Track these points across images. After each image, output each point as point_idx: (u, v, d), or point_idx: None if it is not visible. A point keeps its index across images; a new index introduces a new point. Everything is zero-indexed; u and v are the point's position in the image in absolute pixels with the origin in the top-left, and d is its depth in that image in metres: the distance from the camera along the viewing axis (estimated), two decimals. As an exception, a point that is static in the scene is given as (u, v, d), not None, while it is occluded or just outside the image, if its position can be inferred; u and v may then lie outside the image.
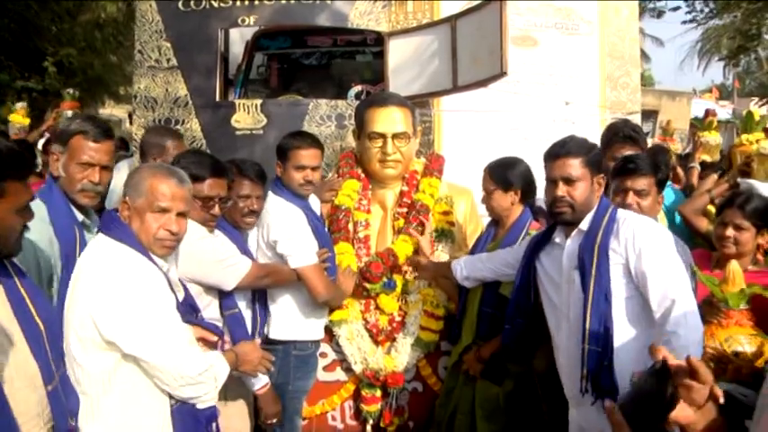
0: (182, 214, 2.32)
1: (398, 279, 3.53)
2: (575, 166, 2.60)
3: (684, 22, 16.53)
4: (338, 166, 3.87)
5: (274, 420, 3.08)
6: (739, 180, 4.00)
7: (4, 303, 1.87)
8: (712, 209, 3.80)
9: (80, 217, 2.61)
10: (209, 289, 2.85)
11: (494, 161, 3.36)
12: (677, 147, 5.83)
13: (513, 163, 3.32)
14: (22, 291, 1.94)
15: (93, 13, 15.63)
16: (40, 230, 2.37)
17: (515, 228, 3.28)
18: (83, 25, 15.64)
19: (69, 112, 5.53)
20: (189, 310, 2.50)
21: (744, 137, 4.71)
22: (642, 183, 2.96)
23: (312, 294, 3.20)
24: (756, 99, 19.23)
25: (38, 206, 2.41)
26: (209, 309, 2.84)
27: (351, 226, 3.63)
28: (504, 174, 3.27)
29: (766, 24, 15.06)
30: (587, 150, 2.66)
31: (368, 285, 3.45)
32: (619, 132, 3.68)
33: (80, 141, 2.56)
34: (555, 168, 2.63)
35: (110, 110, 22.84)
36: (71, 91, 5.70)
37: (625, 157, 3.15)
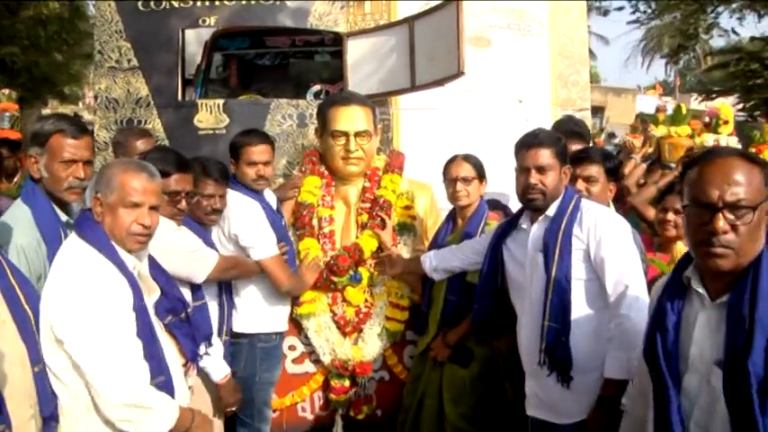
0: (153, 208, 2.32)
1: (364, 272, 3.64)
2: (546, 156, 2.78)
3: (629, 23, 17.05)
4: (302, 164, 3.96)
5: (233, 408, 3.15)
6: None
7: None
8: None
9: (64, 217, 2.63)
10: (180, 282, 2.92)
11: (460, 154, 3.52)
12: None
13: (477, 157, 3.51)
14: (12, 279, 2.04)
15: (34, 10, 15.17)
16: (28, 234, 2.42)
17: (474, 219, 3.44)
18: (25, 22, 15.16)
19: (7, 114, 5.36)
20: (173, 305, 2.55)
21: (672, 129, 5.02)
22: (592, 170, 3.19)
23: (275, 285, 3.31)
24: (696, 95, 19.91)
25: (22, 210, 2.46)
26: None
27: (315, 222, 3.73)
28: (481, 165, 3.47)
29: (703, 24, 15.66)
30: (557, 141, 2.86)
31: (335, 279, 3.56)
32: (563, 128, 3.86)
33: (59, 140, 2.56)
34: (528, 158, 2.80)
35: (54, 110, 22.30)
36: (6, 92, 5.46)
37: (580, 149, 3.36)
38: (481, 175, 3.47)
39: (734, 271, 1.70)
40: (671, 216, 3.33)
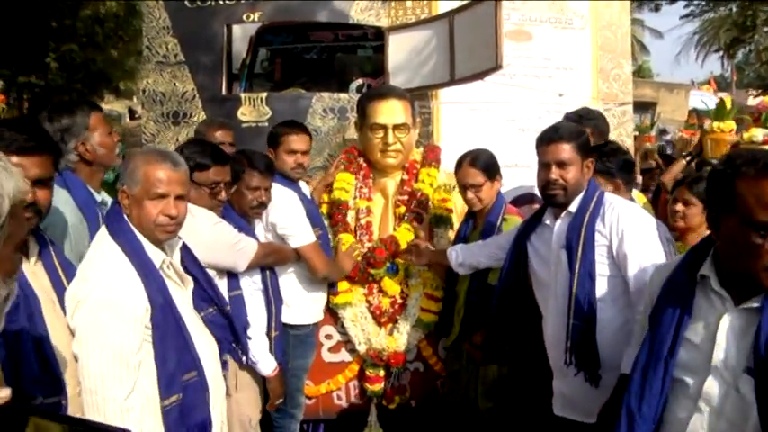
0: (180, 197, 2.26)
1: (400, 264, 3.69)
2: (567, 150, 2.71)
3: (682, 17, 16.66)
4: (339, 160, 4.03)
5: (281, 400, 3.23)
6: None
7: (41, 269, 2.07)
8: (641, 197, 4.03)
9: (99, 197, 2.79)
10: (220, 274, 3.00)
11: (468, 156, 3.41)
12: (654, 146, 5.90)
13: (487, 152, 3.43)
14: (55, 261, 2.15)
15: (93, 9, 15.63)
16: (70, 214, 2.54)
17: (492, 213, 3.41)
18: (84, 20, 15.62)
19: None
20: (209, 297, 2.55)
21: (715, 124, 4.88)
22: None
23: (312, 271, 3.37)
24: (752, 91, 19.32)
25: (60, 194, 2.57)
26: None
27: (351, 215, 3.79)
28: (488, 164, 3.39)
29: (761, 17, 15.18)
30: (578, 135, 2.79)
31: (372, 270, 3.62)
32: (566, 118, 3.78)
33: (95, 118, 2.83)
34: (548, 153, 2.75)
35: (109, 105, 22.93)
36: None
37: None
38: (491, 175, 3.38)
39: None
40: (679, 207, 3.30)
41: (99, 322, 2.04)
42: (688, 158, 4.98)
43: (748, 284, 1.65)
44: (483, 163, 3.37)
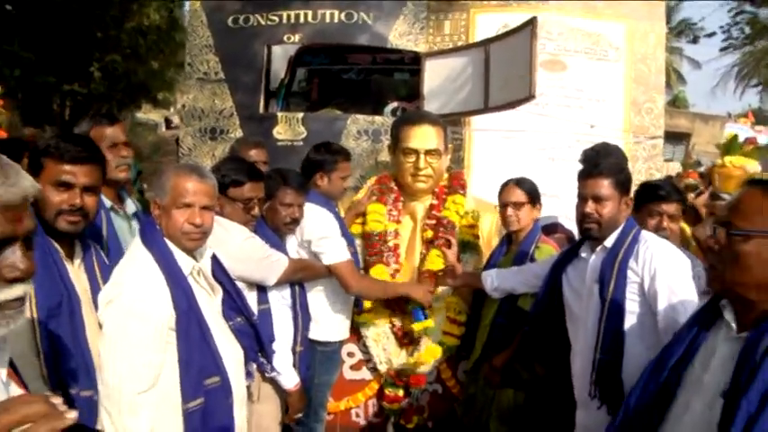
0: (206, 208, 2.37)
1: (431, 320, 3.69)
2: (605, 186, 2.76)
3: (721, 50, 16.55)
4: (372, 191, 4.05)
5: (300, 415, 3.29)
6: None
7: (82, 272, 2.24)
8: (686, 227, 4.01)
9: (108, 203, 2.85)
10: (250, 287, 3.08)
11: (514, 178, 3.54)
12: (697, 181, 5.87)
13: (532, 180, 3.54)
14: (95, 264, 2.30)
15: (137, 21, 16.00)
16: None
17: (527, 241, 3.47)
18: (128, 32, 16.00)
19: None
20: (230, 308, 2.63)
21: (726, 159, 4.85)
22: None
23: (345, 287, 3.41)
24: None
25: None
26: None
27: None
28: (534, 189, 3.50)
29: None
30: (618, 171, 2.83)
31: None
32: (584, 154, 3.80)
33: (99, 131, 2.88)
34: (586, 187, 2.80)
35: (147, 114, 23.38)
36: None
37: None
38: (534, 200, 3.49)
39: (747, 303, 1.70)
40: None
41: (124, 322, 2.16)
42: (696, 192, 4.96)
43: (751, 314, 1.72)
44: (528, 186, 3.49)
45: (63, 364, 2.08)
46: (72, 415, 1.18)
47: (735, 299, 1.74)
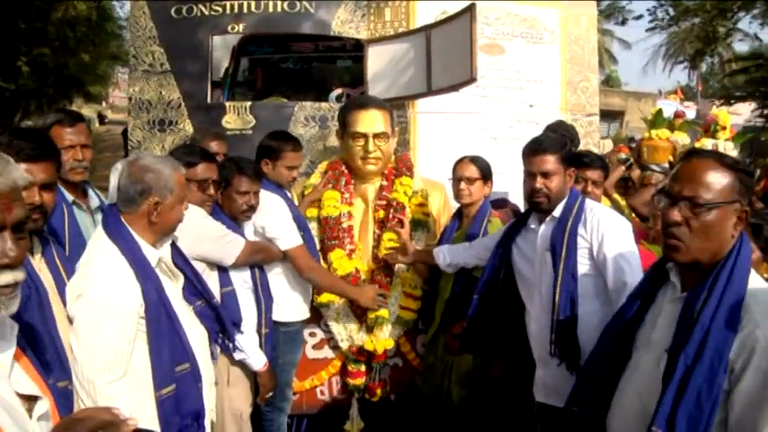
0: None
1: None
2: (550, 162, 2.95)
3: (648, 30, 17.16)
4: (325, 174, 4.13)
5: (271, 394, 3.39)
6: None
7: (44, 266, 2.26)
8: (619, 198, 4.31)
9: (70, 198, 2.90)
10: (210, 268, 3.16)
11: (469, 155, 3.72)
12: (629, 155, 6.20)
13: (485, 159, 3.71)
14: (57, 258, 2.32)
15: (64, 12, 15.47)
16: None
17: (478, 217, 3.66)
18: (55, 23, 15.46)
19: None
20: (197, 291, 2.73)
21: (653, 132, 5.18)
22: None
23: (299, 271, 3.53)
24: (716, 100, 19.90)
25: None
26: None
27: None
28: (487, 167, 3.67)
29: (722, 30, 15.74)
30: (561, 147, 3.03)
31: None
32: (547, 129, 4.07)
33: (58, 130, 2.90)
34: (533, 164, 2.98)
35: (79, 109, 22.73)
36: None
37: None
38: (486, 177, 3.67)
39: (697, 267, 1.84)
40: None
41: (95, 316, 2.23)
42: (627, 164, 5.23)
43: (691, 275, 1.89)
44: (481, 163, 3.67)
45: (37, 354, 2.13)
46: (133, 422, 1.39)
47: (689, 264, 1.86)
